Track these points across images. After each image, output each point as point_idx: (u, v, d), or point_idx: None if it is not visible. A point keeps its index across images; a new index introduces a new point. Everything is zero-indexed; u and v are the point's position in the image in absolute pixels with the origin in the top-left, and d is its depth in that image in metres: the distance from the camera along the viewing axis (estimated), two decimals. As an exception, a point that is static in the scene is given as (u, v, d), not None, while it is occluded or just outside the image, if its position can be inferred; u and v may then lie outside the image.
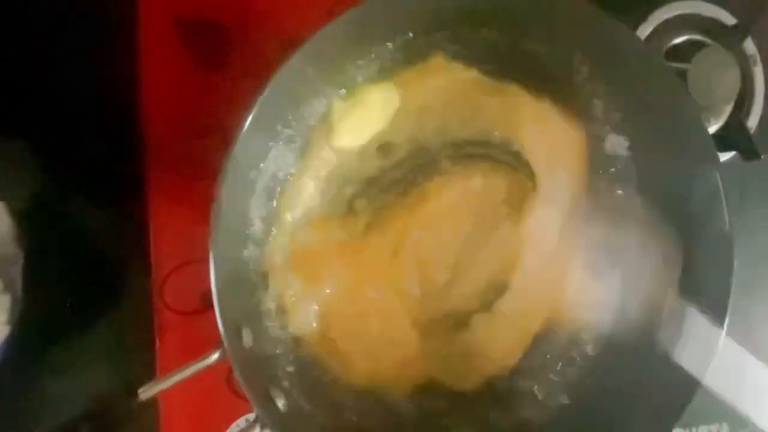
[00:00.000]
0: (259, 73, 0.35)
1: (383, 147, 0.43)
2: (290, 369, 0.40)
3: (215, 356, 0.34)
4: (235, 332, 0.35)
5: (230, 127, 0.34)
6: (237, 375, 0.33)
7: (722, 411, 0.52)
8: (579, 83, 0.43)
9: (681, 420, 0.49)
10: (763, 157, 0.51)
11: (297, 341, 0.41)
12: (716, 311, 0.37)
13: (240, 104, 0.34)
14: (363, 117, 0.42)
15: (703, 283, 0.39)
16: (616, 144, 0.44)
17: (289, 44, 0.34)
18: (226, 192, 0.34)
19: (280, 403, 0.37)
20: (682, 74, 0.49)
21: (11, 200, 0.42)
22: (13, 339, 0.40)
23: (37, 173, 0.44)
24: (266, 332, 0.40)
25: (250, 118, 0.34)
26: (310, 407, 0.39)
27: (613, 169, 0.44)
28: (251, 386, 0.34)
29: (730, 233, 0.38)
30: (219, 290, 0.33)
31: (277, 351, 0.40)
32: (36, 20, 0.45)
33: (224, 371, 0.43)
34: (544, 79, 0.43)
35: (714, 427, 0.52)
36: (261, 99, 0.34)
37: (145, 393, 0.34)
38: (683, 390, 0.37)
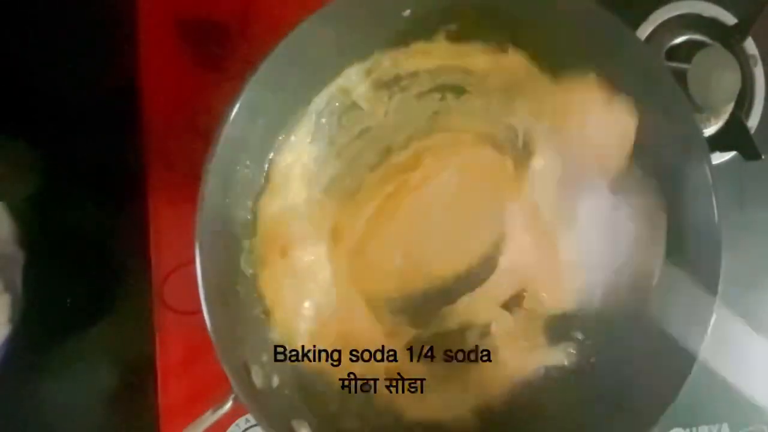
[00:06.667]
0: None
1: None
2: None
3: (229, 404, 0.33)
4: (244, 371, 0.35)
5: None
6: (255, 417, 0.33)
7: (722, 411, 0.52)
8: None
9: (681, 420, 0.49)
10: (763, 157, 0.51)
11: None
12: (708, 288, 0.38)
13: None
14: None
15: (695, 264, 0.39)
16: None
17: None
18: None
19: None
20: (682, 74, 0.48)
21: (11, 200, 0.42)
22: (13, 338, 0.40)
23: (37, 173, 0.44)
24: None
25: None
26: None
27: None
28: (272, 424, 0.34)
29: (719, 224, 0.38)
30: (216, 330, 0.32)
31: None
32: (36, 20, 0.45)
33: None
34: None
35: (714, 427, 0.52)
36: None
37: None
38: (680, 368, 0.37)
